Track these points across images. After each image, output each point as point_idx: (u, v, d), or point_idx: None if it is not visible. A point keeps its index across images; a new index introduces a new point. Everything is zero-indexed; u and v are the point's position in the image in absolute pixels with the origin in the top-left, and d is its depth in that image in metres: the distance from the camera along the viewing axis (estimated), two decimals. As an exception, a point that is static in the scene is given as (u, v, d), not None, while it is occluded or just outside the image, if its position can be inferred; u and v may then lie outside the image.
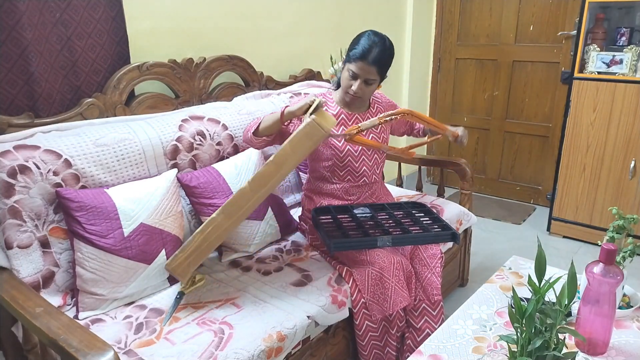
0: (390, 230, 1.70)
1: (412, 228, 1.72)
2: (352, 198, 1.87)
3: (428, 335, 1.59)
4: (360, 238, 1.63)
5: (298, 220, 2.00)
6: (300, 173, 2.24)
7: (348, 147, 1.79)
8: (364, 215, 1.80)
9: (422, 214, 1.88)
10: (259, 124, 1.68)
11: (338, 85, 1.89)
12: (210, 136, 1.86)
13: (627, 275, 1.32)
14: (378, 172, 1.91)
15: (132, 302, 1.49)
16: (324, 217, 1.77)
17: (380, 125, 1.82)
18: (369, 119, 1.84)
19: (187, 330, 1.34)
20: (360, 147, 1.81)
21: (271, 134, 1.70)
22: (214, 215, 1.42)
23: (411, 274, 1.68)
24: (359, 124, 1.58)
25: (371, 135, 1.85)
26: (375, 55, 1.66)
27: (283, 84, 2.45)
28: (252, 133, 1.69)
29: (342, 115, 1.82)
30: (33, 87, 1.57)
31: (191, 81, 2.03)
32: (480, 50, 3.51)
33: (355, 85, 1.70)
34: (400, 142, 3.71)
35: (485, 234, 3.03)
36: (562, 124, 2.81)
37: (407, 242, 1.70)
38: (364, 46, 1.66)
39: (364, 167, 1.84)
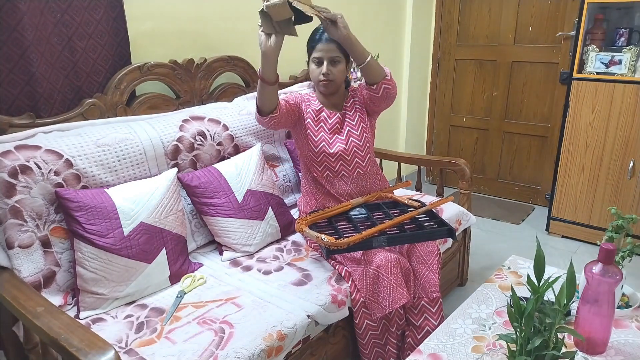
0: (386, 229, 1.70)
1: (408, 226, 1.72)
2: (340, 192, 1.88)
3: (428, 332, 1.60)
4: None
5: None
6: (300, 173, 2.25)
7: (323, 143, 1.83)
8: (359, 215, 1.79)
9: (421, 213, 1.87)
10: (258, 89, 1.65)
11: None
12: (211, 136, 1.87)
13: (626, 275, 1.33)
14: (364, 165, 1.88)
15: (133, 302, 1.49)
16: (321, 222, 1.76)
17: (358, 117, 1.87)
18: (345, 114, 1.88)
19: (187, 329, 1.34)
20: (337, 146, 1.83)
21: (273, 77, 1.63)
22: None
23: (409, 271, 1.67)
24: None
25: (347, 129, 1.85)
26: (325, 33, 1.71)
27: (283, 85, 2.45)
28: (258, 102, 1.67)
29: (323, 113, 1.85)
30: (34, 88, 1.58)
31: (192, 82, 2.03)
32: (480, 51, 3.52)
33: (324, 68, 1.76)
34: (399, 144, 3.72)
35: (484, 234, 3.04)
36: (561, 124, 2.82)
37: (403, 241, 1.69)
38: (314, 32, 1.78)
39: (341, 162, 1.85)
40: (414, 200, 1.90)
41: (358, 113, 1.88)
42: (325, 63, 1.75)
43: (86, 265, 1.42)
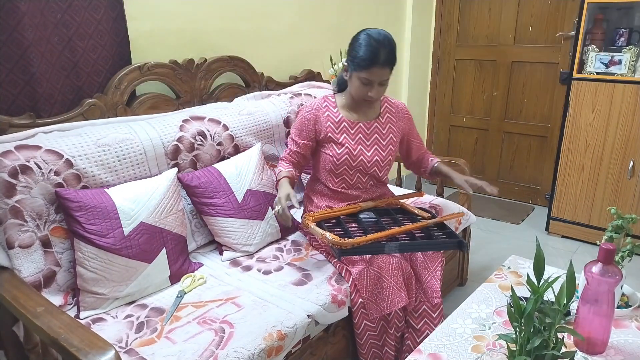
0: (395, 235, 1.68)
1: (417, 234, 1.71)
2: (351, 197, 1.87)
3: (427, 336, 1.60)
4: (368, 243, 1.60)
5: (299, 221, 2.00)
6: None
7: (346, 156, 1.79)
8: (368, 219, 1.79)
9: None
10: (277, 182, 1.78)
11: (340, 89, 1.86)
12: (211, 136, 1.87)
13: (626, 275, 1.33)
14: (381, 175, 1.87)
15: (133, 302, 1.49)
16: (328, 222, 1.76)
17: (389, 134, 1.85)
18: (375, 127, 1.83)
19: (187, 329, 1.35)
20: (360, 159, 1.81)
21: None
22: None
23: (410, 275, 1.67)
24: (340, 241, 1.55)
25: (375, 140, 1.82)
26: (385, 56, 1.63)
27: (283, 85, 2.45)
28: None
29: (344, 123, 1.80)
30: (34, 88, 1.58)
31: (192, 82, 2.03)
32: (479, 51, 3.52)
33: (373, 92, 1.68)
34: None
35: (484, 234, 3.04)
36: (561, 124, 2.82)
37: (414, 249, 1.68)
38: (372, 51, 1.61)
39: (358, 175, 1.84)
40: (423, 210, 1.89)
41: (391, 132, 1.86)
42: (375, 86, 1.68)
43: (86, 265, 1.42)
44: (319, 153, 1.85)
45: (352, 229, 1.71)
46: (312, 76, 2.61)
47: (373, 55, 1.61)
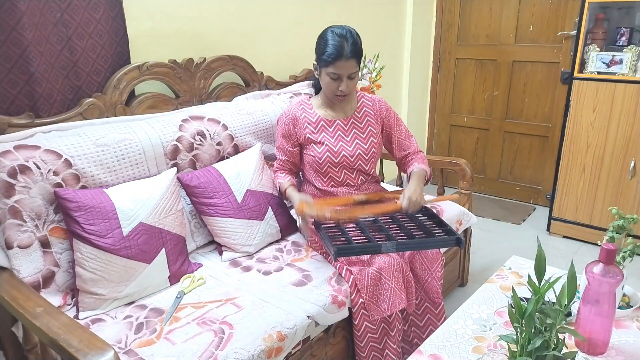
0: (394, 234, 1.68)
1: (416, 232, 1.71)
2: (343, 194, 1.87)
3: (432, 331, 1.59)
4: (364, 244, 1.60)
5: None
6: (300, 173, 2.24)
7: (327, 154, 1.81)
8: (366, 219, 1.79)
9: (425, 217, 1.84)
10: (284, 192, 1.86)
11: (316, 91, 1.93)
12: (210, 136, 1.86)
13: (627, 275, 1.32)
14: (367, 168, 1.88)
15: (133, 302, 1.49)
16: (325, 225, 1.76)
17: (368, 127, 1.88)
18: (352, 122, 1.86)
19: (187, 330, 1.34)
20: (342, 154, 1.82)
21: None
22: None
23: (410, 278, 1.67)
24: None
25: (354, 134, 1.84)
26: (350, 48, 1.68)
27: (283, 84, 2.45)
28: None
29: (322, 122, 1.84)
30: (33, 87, 1.58)
31: (191, 81, 2.03)
32: (480, 51, 3.51)
33: (342, 85, 1.73)
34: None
35: (485, 234, 3.04)
36: (562, 124, 2.81)
37: (411, 248, 1.67)
38: (336, 45, 1.67)
39: (344, 170, 1.86)
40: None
41: (369, 124, 1.88)
42: (344, 80, 1.72)
43: (85, 265, 1.41)
44: (302, 156, 1.88)
45: (350, 229, 1.71)
46: (312, 75, 2.60)
47: (338, 49, 1.67)
